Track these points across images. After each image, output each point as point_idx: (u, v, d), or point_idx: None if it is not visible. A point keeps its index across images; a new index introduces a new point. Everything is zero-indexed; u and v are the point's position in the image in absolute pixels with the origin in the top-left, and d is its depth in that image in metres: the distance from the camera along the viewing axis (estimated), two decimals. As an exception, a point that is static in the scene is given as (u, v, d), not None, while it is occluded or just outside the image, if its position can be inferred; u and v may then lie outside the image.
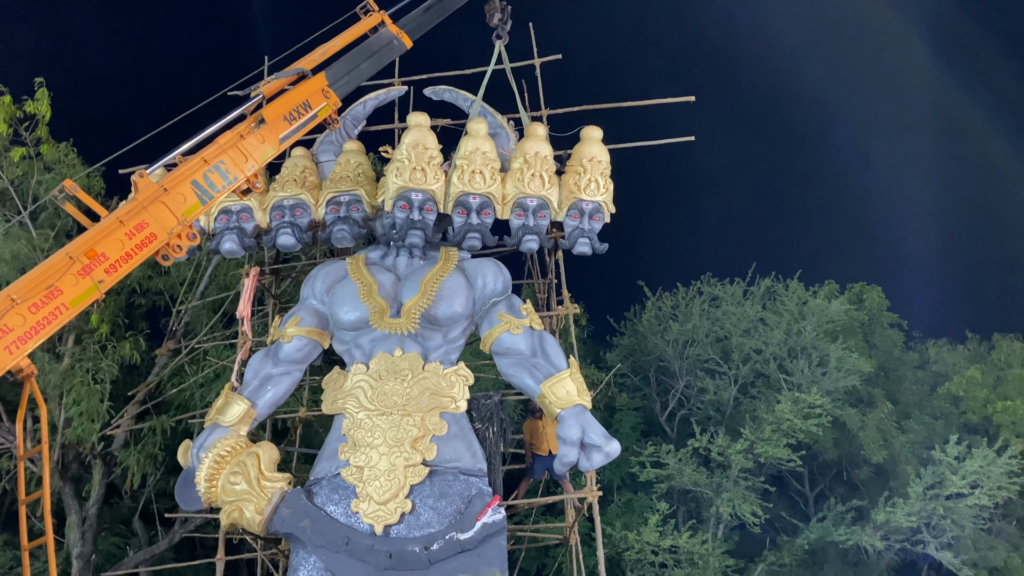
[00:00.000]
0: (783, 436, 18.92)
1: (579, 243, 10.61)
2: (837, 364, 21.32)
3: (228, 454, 9.52)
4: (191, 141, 8.45)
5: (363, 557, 8.82)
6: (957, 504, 18.56)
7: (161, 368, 15.49)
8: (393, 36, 11.06)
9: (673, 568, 18.10)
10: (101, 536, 16.28)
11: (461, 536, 8.85)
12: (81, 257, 7.25)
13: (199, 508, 9.66)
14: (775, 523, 21.10)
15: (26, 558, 7.19)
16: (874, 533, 18.83)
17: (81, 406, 14.31)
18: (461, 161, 10.53)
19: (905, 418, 23.54)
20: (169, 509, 14.83)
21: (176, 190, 8.07)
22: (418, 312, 10.06)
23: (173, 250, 8.07)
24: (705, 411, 22.41)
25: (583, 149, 10.91)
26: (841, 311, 22.64)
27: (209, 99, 9.93)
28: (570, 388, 9.55)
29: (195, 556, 14.87)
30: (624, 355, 24.23)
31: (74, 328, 15.15)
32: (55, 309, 7.05)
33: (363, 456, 9.38)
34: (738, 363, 22.21)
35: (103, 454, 15.17)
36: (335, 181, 11.24)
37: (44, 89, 15.11)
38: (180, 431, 14.89)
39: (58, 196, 7.43)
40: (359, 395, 9.82)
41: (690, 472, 19.20)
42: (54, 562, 7.24)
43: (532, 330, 10.04)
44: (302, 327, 10.37)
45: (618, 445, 9.35)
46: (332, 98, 9.96)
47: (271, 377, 10.24)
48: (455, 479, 9.29)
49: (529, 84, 12.63)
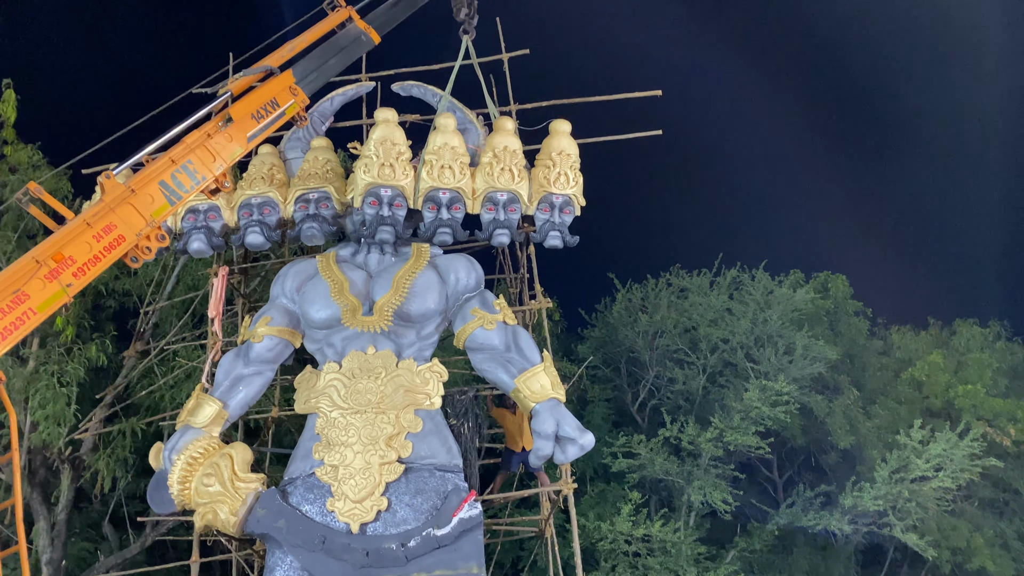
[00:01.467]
0: (752, 424, 19.17)
1: (550, 236, 10.68)
2: (803, 352, 21.64)
3: (201, 456, 9.44)
4: (158, 141, 8.34)
5: (340, 556, 8.81)
6: (922, 487, 18.95)
7: (129, 370, 15.30)
8: (361, 32, 11.00)
9: (646, 557, 18.28)
10: (71, 541, 16.06)
11: (438, 532, 8.88)
12: (48, 261, 7.12)
13: (172, 511, 9.57)
14: (745, 510, 21.38)
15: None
16: (842, 517, 19.17)
17: (47, 410, 14.10)
18: (430, 156, 10.53)
19: (871, 404, 23.97)
20: (140, 512, 14.69)
21: (144, 191, 7.95)
22: (390, 309, 10.04)
23: (142, 252, 7.96)
24: (675, 401, 22.63)
25: (552, 143, 10.96)
26: (807, 300, 22.96)
27: (175, 98, 9.80)
28: (544, 382, 9.61)
29: (167, 559, 14.75)
30: (595, 347, 24.38)
31: (39, 331, 14.87)
32: (22, 314, 6.91)
33: (338, 455, 9.35)
34: (706, 353, 22.45)
35: (71, 458, 14.95)
36: (303, 178, 11.15)
37: (11, 91, 14.89)
38: (150, 433, 14.73)
39: (22, 199, 7.30)
40: (332, 394, 9.78)
41: (661, 461, 19.39)
42: (27, 571, 7.13)
43: (505, 325, 10.09)
44: (273, 326, 10.30)
45: (592, 437, 9.43)
46: (300, 95, 9.88)
47: (242, 377, 10.17)
48: (431, 475, 9.31)
49: (497, 79, 12.65)
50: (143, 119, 9.13)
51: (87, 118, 9.77)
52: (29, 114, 15.35)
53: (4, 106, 14.84)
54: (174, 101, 9.67)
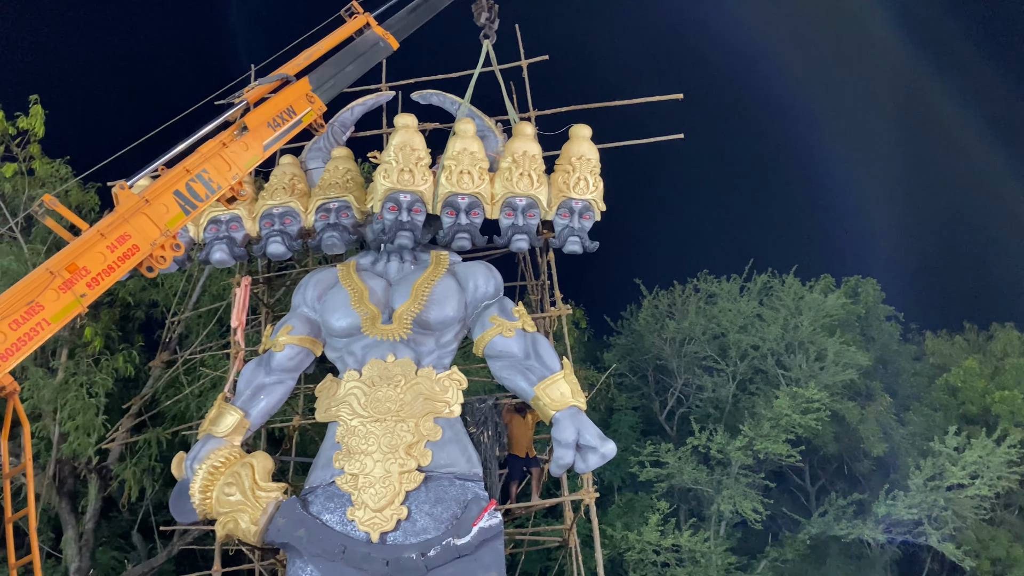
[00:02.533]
0: (782, 432, 18.89)
1: (569, 241, 10.57)
2: (835, 358, 21.30)
3: (222, 465, 9.46)
4: (173, 151, 8.39)
5: (360, 565, 8.75)
6: (958, 495, 18.53)
7: (156, 380, 15.41)
8: (379, 38, 11.02)
9: (675, 567, 18.05)
10: (100, 550, 16.20)
11: (458, 541, 8.79)
12: (62, 272, 7.18)
13: (194, 520, 9.59)
14: (777, 519, 21.06)
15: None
16: (876, 526, 18.79)
17: (77, 420, 14.23)
18: (449, 161, 10.50)
19: (904, 410, 23.52)
20: (166, 522, 14.76)
21: (158, 201, 8.00)
22: (410, 317, 10.00)
23: (157, 261, 8.00)
24: (704, 409, 22.37)
25: (572, 147, 10.88)
26: (837, 305, 22.62)
27: (192, 108, 9.87)
28: (564, 390, 9.50)
29: (195, 568, 14.75)
30: (621, 355, 24.20)
31: (67, 342, 15.08)
32: (37, 325, 6.97)
33: (358, 463, 9.31)
34: (736, 360, 22.18)
35: (99, 468, 15.09)
36: (324, 188, 11.21)
37: (38, 107, 15.13)
38: (176, 443, 14.80)
39: (38, 211, 7.37)
40: (352, 402, 9.74)
41: (690, 470, 19.16)
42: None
43: (524, 332, 9.99)
44: (294, 335, 10.32)
45: (614, 446, 9.29)
46: (316, 103, 9.91)
47: (264, 386, 10.19)
48: (451, 484, 9.22)
49: (516, 86, 12.62)
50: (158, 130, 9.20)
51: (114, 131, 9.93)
52: (57, 128, 15.61)
53: (32, 121, 15.10)
54: (189, 111, 9.74)
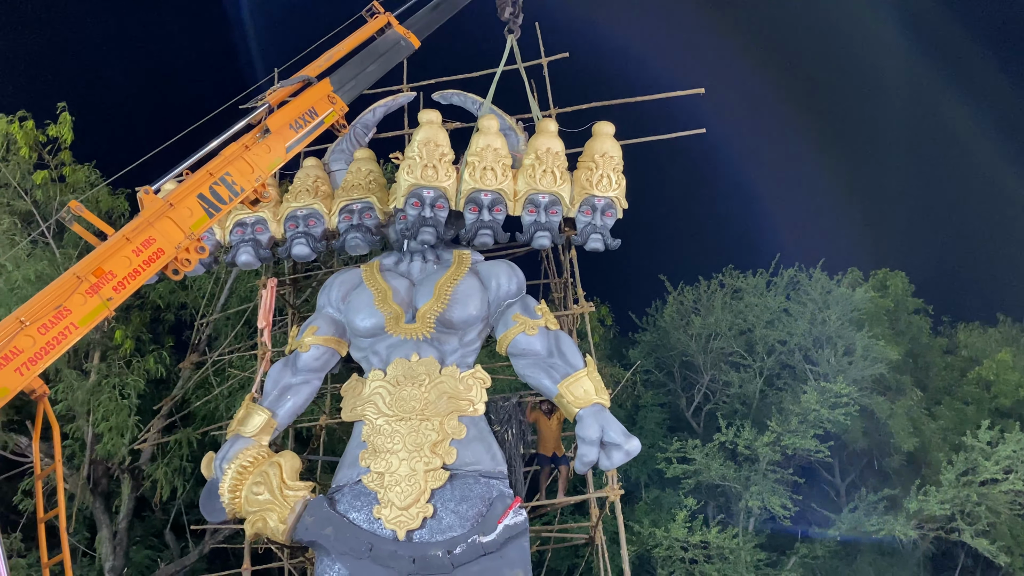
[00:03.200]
0: (810, 427, 18.73)
1: (591, 239, 10.57)
2: (863, 352, 21.07)
3: (250, 465, 9.59)
4: (196, 155, 8.51)
5: (386, 563, 8.84)
6: (991, 490, 18.24)
7: (186, 381, 15.64)
8: (400, 37, 11.07)
9: (704, 563, 17.97)
10: (133, 549, 16.46)
11: (483, 539, 8.84)
12: (88, 276, 7.32)
13: (224, 519, 9.72)
14: (806, 515, 20.89)
15: (47, 575, 7.28)
16: (907, 522, 18.56)
17: (110, 421, 14.49)
18: (472, 158, 10.52)
19: (935, 404, 23.22)
20: (198, 521, 14.97)
21: (182, 204, 8.12)
22: (433, 316, 10.07)
23: (182, 264, 8.13)
24: (731, 405, 22.23)
25: (595, 145, 10.85)
26: (865, 299, 22.37)
27: (215, 111, 9.99)
28: (588, 387, 9.52)
29: (227, 566, 14.95)
30: (647, 351, 24.12)
31: (99, 345, 15.34)
32: (64, 329, 7.12)
33: (383, 462, 9.40)
34: (763, 355, 22.02)
35: (131, 468, 15.35)
36: (347, 189, 11.30)
37: (66, 114, 15.40)
38: (206, 443, 15.01)
39: (66, 217, 7.52)
40: (377, 401, 9.84)
41: (717, 467, 19.06)
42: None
43: (547, 330, 10.02)
44: (319, 336, 10.43)
45: (638, 443, 9.29)
46: (338, 103, 9.98)
47: (291, 386, 10.32)
48: (476, 482, 9.28)
49: (537, 83, 12.61)
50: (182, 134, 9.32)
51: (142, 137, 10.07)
52: (86, 135, 15.87)
53: (61, 128, 15.36)
54: (213, 115, 9.85)
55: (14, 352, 6.90)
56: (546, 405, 10.65)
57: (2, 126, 15.11)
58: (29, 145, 15.18)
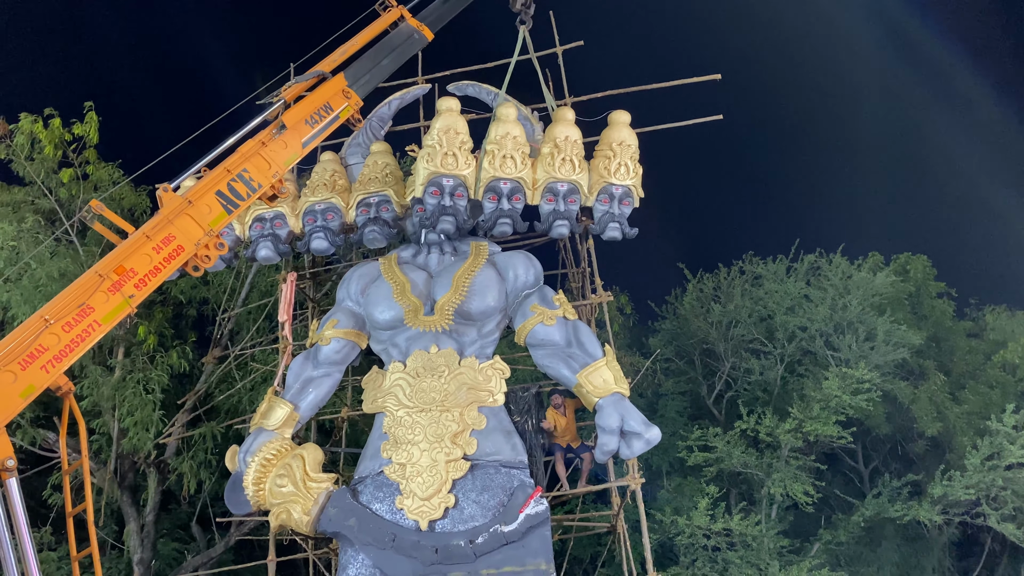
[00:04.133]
0: (832, 413, 18.56)
1: (609, 228, 10.55)
2: (885, 337, 20.84)
3: (274, 457, 9.71)
4: (214, 152, 8.59)
5: (410, 553, 8.94)
6: (1017, 474, 18.01)
7: (209, 375, 15.79)
8: (413, 30, 11.11)
9: (727, 551, 17.93)
10: (161, 541, 16.69)
11: (505, 528, 8.91)
12: (110, 274, 7.45)
13: (248, 511, 9.86)
14: (830, 501, 20.77)
15: (76, 568, 7.44)
16: (932, 507, 18.40)
17: (135, 416, 14.67)
18: (491, 146, 10.53)
19: (959, 389, 22.93)
20: (222, 513, 15.15)
21: (201, 201, 8.22)
22: (451, 308, 10.12)
23: (202, 260, 8.23)
24: (752, 392, 22.09)
25: (612, 133, 10.84)
26: (887, 283, 22.10)
27: (230, 109, 10.07)
28: (607, 376, 9.55)
29: (253, 557, 15.15)
30: (667, 339, 24.00)
31: (123, 341, 15.53)
32: (88, 326, 7.25)
33: (405, 453, 9.49)
34: (783, 342, 21.85)
35: (157, 462, 15.54)
36: (364, 183, 11.36)
37: (92, 113, 15.56)
38: (230, 436, 15.18)
39: (87, 216, 7.63)
40: (398, 393, 9.93)
41: (739, 454, 18.97)
42: (100, 570, 7.47)
43: (566, 320, 10.05)
44: (339, 329, 10.53)
45: (658, 431, 9.32)
46: (353, 98, 10.04)
47: (312, 379, 10.43)
48: (496, 472, 9.35)
49: (552, 72, 12.60)
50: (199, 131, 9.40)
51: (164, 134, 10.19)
52: (111, 134, 16.05)
53: (87, 127, 15.54)
54: (229, 112, 9.93)
55: (39, 350, 7.03)
56: (557, 399, 10.59)
57: (27, 125, 15.30)
58: (54, 144, 15.35)
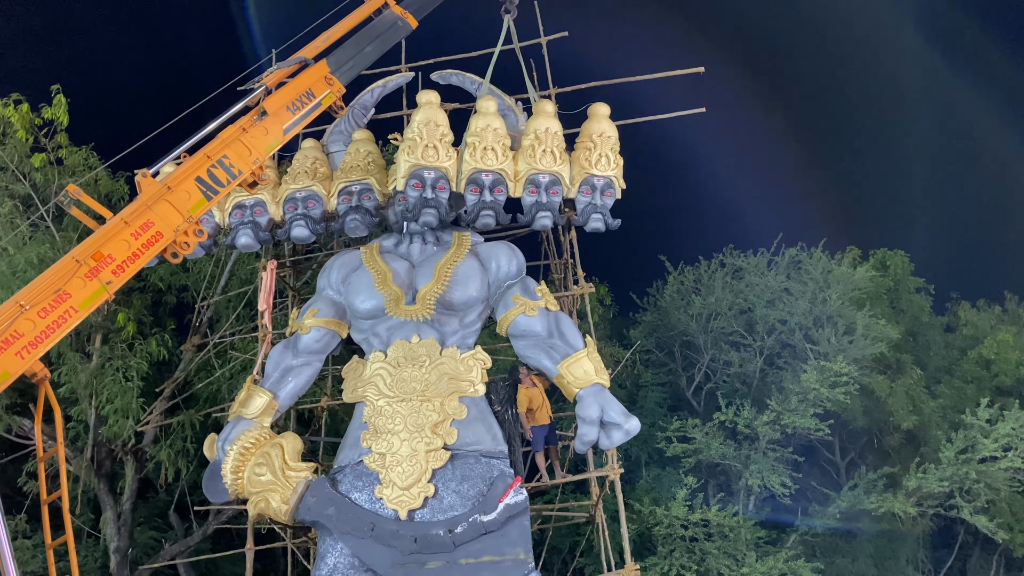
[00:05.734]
0: (810, 406, 18.74)
1: (592, 219, 10.56)
2: (863, 331, 21.03)
3: (252, 446, 9.67)
4: (194, 138, 8.51)
5: (389, 542, 8.94)
6: (990, 467, 18.28)
7: (188, 363, 15.68)
8: (397, 17, 11.03)
9: (704, 541, 18.06)
10: (138, 530, 16.60)
11: (484, 518, 8.93)
12: (88, 260, 7.36)
13: (227, 500, 9.83)
14: (807, 493, 20.95)
15: (51, 556, 7.37)
16: (907, 500, 18.64)
17: (115, 403, 14.55)
18: (472, 138, 10.50)
19: (935, 383, 23.23)
20: (201, 502, 15.07)
21: (180, 187, 8.14)
22: (433, 298, 10.10)
23: (181, 247, 8.16)
24: (731, 384, 22.25)
25: (592, 125, 10.86)
26: (866, 278, 22.32)
27: (213, 93, 9.97)
28: (588, 367, 9.59)
29: (231, 546, 15.10)
30: (648, 331, 24.11)
31: (100, 328, 15.38)
32: (64, 312, 7.17)
33: (385, 443, 9.48)
34: (763, 335, 22.00)
35: (135, 450, 15.43)
36: (346, 171, 11.29)
37: (61, 96, 15.32)
38: (209, 424, 15.09)
39: (64, 201, 7.54)
40: (378, 383, 9.90)
41: (717, 446, 19.11)
42: (75, 558, 7.42)
43: (547, 311, 10.07)
44: (320, 318, 10.48)
45: (637, 422, 9.37)
46: (336, 85, 9.96)
47: (291, 368, 10.39)
48: (476, 462, 9.37)
49: (536, 63, 12.57)
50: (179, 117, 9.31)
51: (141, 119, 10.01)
52: (84, 117, 15.79)
53: (56, 110, 15.28)
54: (210, 97, 9.84)
55: (14, 336, 6.95)
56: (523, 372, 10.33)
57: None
58: (25, 128, 15.12)
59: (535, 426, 10.20)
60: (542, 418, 10.29)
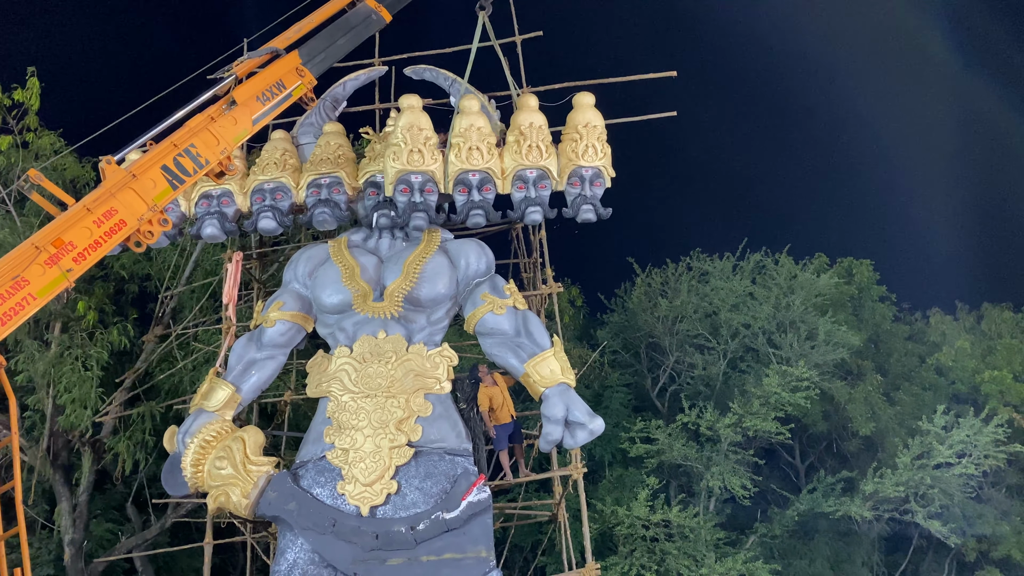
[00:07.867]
0: (771, 409, 18.95)
1: (583, 210, 10.41)
2: (826, 337, 21.36)
3: (213, 439, 9.57)
4: (161, 126, 8.38)
5: (350, 538, 8.88)
6: (944, 473, 18.65)
7: (149, 354, 15.45)
8: (371, 10, 10.96)
9: (664, 542, 18.19)
10: (94, 522, 16.31)
11: (447, 515, 8.91)
12: (48, 247, 7.21)
13: (186, 493, 9.71)
14: (766, 495, 21.22)
15: (0, 547, 7.18)
16: (863, 504, 18.94)
17: (73, 393, 14.28)
18: (457, 139, 10.45)
19: (894, 389, 23.63)
20: (160, 495, 14.86)
21: (145, 176, 8.00)
22: (401, 295, 10.06)
23: (144, 236, 8.03)
24: (695, 386, 22.46)
25: (577, 116, 10.79)
26: (830, 285, 22.65)
27: (181, 81, 9.83)
28: (554, 367, 9.59)
29: (189, 540, 14.90)
30: (614, 332, 24.25)
31: (60, 316, 15.08)
32: (22, 299, 7.00)
33: (348, 438, 9.42)
34: (727, 338, 22.24)
35: (92, 441, 15.16)
36: (315, 163, 11.19)
37: (35, 79, 15.02)
38: (170, 416, 14.88)
39: (24, 185, 7.38)
40: (343, 378, 9.84)
41: (680, 447, 19.26)
42: (27, 551, 7.26)
43: (516, 310, 10.06)
44: (285, 311, 10.38)
45: (602, 422, 9.40)
46: (307, 76, 9.88)
47: (255, 362, 10.27)
48: (440, 459, 9.34)
49: (510, 61, 12.54)
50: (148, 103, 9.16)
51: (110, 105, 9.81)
52: (52, 101, 15.50)
53: (28, 93, 15.00)
54: (180, 84, 9.70)
55: None
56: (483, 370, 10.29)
57: (-38, 89, 14.73)
58: (-7, 110, 14.83)
59: (497, 425, 10.18)
60: (503, 417, 10.27)
